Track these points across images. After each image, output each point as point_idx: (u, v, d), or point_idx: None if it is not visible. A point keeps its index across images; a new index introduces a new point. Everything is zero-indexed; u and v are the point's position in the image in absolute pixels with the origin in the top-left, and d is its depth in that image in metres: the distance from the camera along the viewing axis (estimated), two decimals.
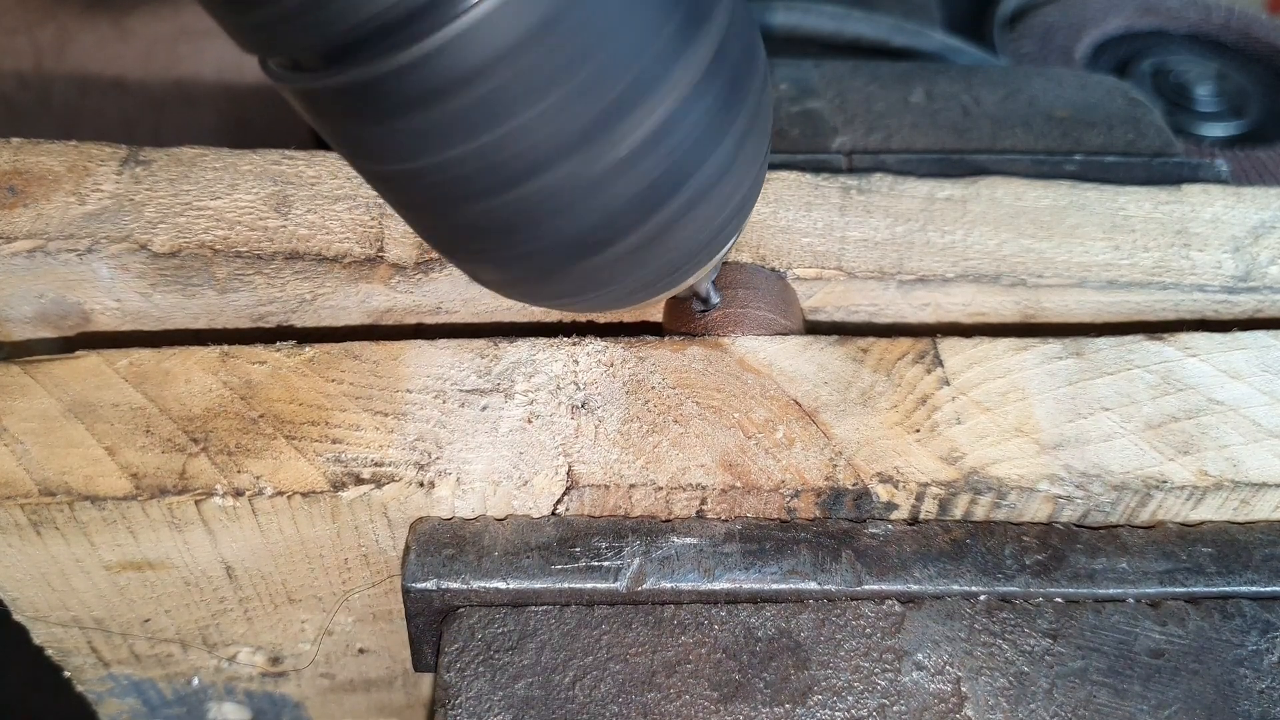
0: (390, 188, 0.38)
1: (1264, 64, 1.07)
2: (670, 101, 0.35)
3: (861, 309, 0.55)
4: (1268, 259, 0.54)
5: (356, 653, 0.54)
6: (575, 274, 0.40)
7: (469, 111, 0.33)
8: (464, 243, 0.40)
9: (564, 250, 0.38)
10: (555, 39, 0.32)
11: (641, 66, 0.34)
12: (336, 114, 0.34)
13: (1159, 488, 0.45)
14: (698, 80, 0.36)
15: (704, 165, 0.38)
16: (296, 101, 0.35)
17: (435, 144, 0.34)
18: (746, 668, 0.42)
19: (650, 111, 0.35)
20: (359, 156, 0.37)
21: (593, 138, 0.35)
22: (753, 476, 0.44)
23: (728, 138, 0.38)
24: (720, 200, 0.40)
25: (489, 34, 0.31)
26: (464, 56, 0.31)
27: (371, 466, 0.44)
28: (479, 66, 0.32)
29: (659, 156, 0.36)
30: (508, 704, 0.41)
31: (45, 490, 0.43)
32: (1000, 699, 0.41)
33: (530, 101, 0.33)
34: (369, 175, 0.38)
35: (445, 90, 0.32)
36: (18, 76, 1.03)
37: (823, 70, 0.72)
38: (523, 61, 0.32)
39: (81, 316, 0.53)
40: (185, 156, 0.55)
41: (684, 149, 0.37)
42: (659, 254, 0.40)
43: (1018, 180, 0.57)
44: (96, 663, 0.53)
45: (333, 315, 0.53)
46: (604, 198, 0.37)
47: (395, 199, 0.39)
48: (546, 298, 0.44)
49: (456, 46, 0.31)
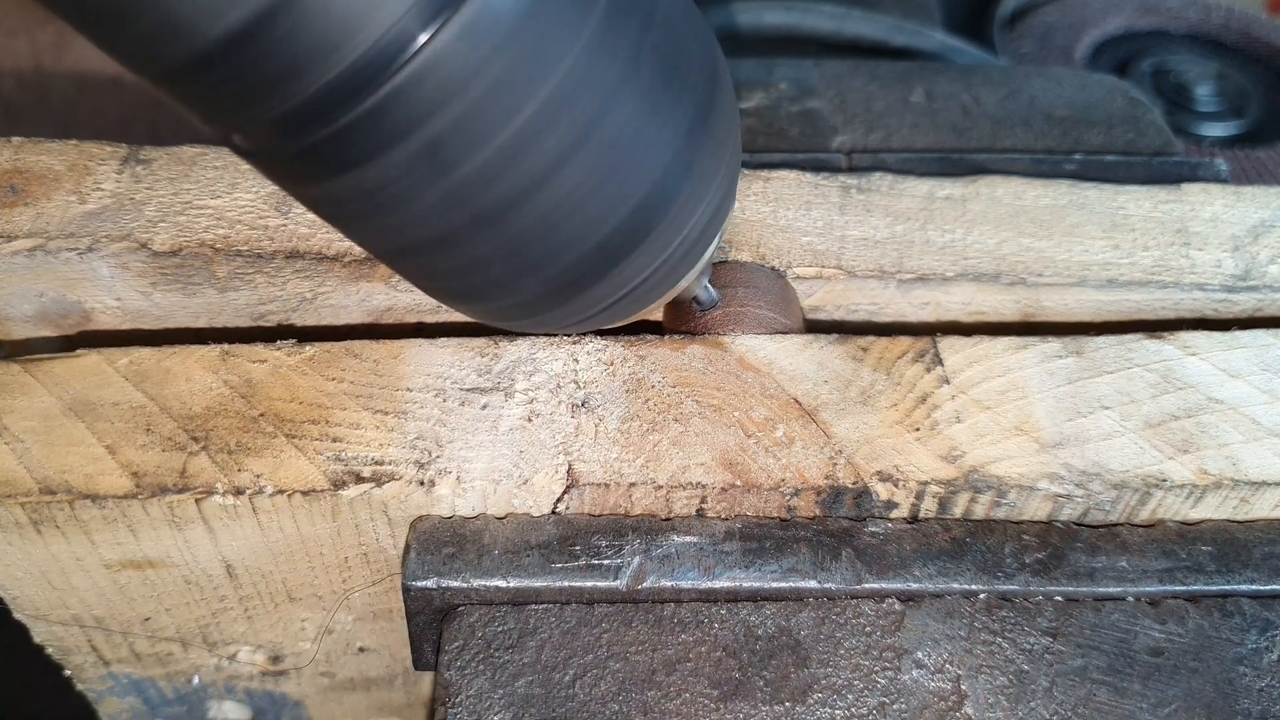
0: (371, 237, 0.40)
1: (1264, 64, 1.07)
2: (589, 107, 0.35)
3: (861, 308, 0.55)
4: (1267, 258, 0.55)
5: (357, 651, 0.54)
6: (561, 297, 0.41)
7: (420, 159, 0.34)
8: (433, 281, 0.41)
9: (542, 277, 0.40)
10: (506, 60, 0.33)
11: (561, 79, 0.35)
12: (295, 179, 0.36)
13: (1159, 486, 0.45)
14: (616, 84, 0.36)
15: (646, 170, 0.38)
16: (267, 173, 0.37)
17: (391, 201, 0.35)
18: (746, 666, 0.42)
19: (572, 121, 0.35)
20: (329, 218, 0.39)
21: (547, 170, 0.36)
22: (753, 475, 0.44)
23: (668, 136, 0.38)
24: (681, 207, 0.40)
25: (438, 73, 0.32)
26: (417, 100, 0.32)
27: (372, 465, 0.44)
28: (434, 104, 0.33)
29: (592, 163, 0.37)
30: (508, 702, 0.41)
31: (46, 489, 0.43)
32: (1000, 697, 0.41)
33: (474, 146, 0.34)
34: (354, 233, 0.40)
35: (392, 140, 0.33)
36: (17, 76, 1.03)
37: (823, 70, 0.72)
38: (476, 92, 0.33)
39: (82, 315, 0.53)
40: (186, 155, 0.55)
41: (621, 150, 0.37)
42: (637, 265, 0.41)
43: (1017, 179, 0.57)
44: (97, 661, 0.53)
45: (333, 314, 0.53)
46: (575, 222, 0.38)
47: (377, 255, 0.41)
48: (535, 325, 0.44)
49: (398, 97, 0.32)
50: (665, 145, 0.38)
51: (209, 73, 0.31)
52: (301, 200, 0.38)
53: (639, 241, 0.40)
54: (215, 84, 0.32)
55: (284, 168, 0.36)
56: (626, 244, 0.40)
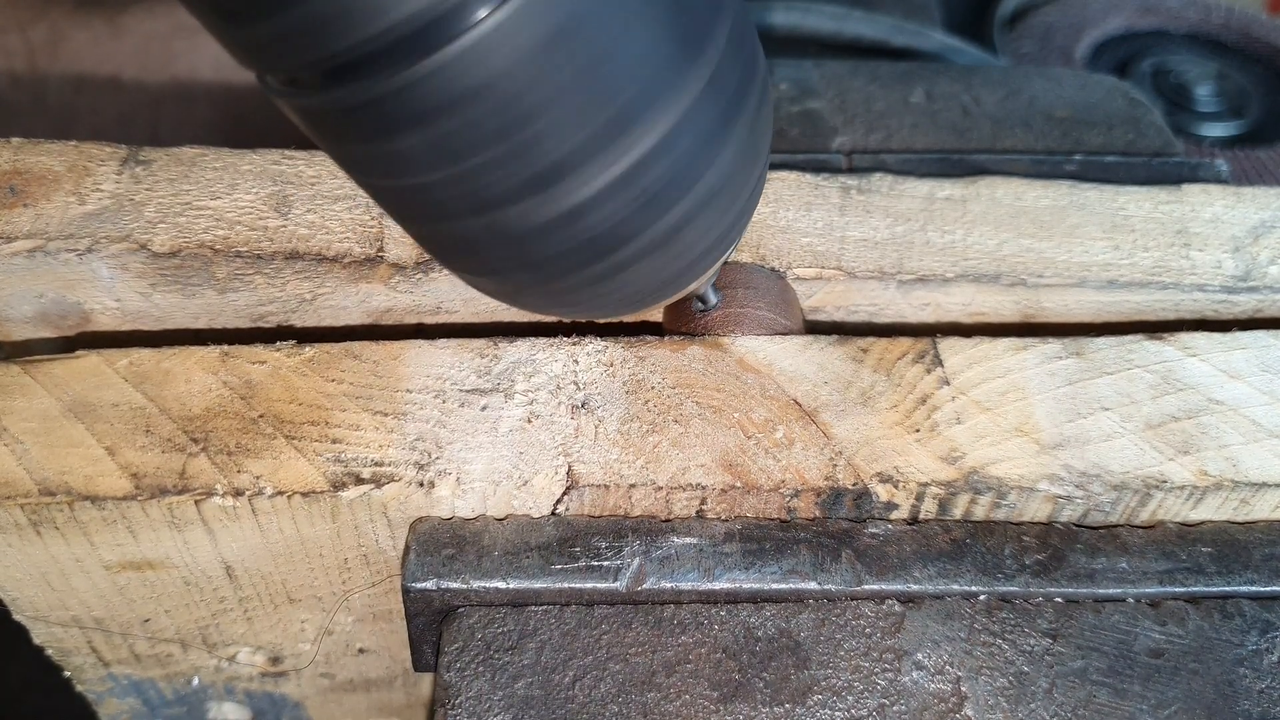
0: (388, 200, 0.38)
1: (1264, 64, 1.07)
2: (670, 116, 0.35)
3: (861, 309, 0.55)
4: (1267, 259, 0.55)
5: (356, 652, 0.54)
6: (580, 282, 0.40)
7: (470, 129, 0.33)
8: (465, 255, 0.40)
9: (569, 260, 0.39)
10: (559, 54, 0.32)
11: (642, 84, 0.34)
12: (333, 130, 0.35)
13: (1159, 487, 0.45)
14: (697, 97, 0.36)
15: (704, 177, 0.38)
16: (294, 116, 0.35)
17: (434, 161, 0.34)
18: (746, 667, 0.42)
19: (652, 125, 0.35)
20: (356, 171, 0.37)
21: (595, 152, 0.35)
22: (752, 476, 0.44)
23: (727, 148, 0.38)
24: (720, 209, 0.40)
25: (490, 53, 0.31)
26: (465, 76, 0.31)
27: (371, 466, 0.44)
28: (478, 86, 0.32)
29: (660, 169, 0.36)
30: (508, 704, 0.41)
31: (45, 490, 0.43)
32: (1000, 699, 0.41)
33: (527, 120, 0.33)
34: (367, 188, 0.39)
35: (445, 109, 0.32)
36: (11, 75, 1.02)
37: (823, 70, 0.72)
38: (520, 81, 0.32)
39: (81, 316, 0.53)
40: (185, 156, 0.55)
41: (684, 162, 0.37)
42: (663, 262, 0.40)
43: (1018, 180, 0.57)
44: (96, 662, 0.53)
45: (333, 315, 0.53)
46: (608, 208, 0.37)
47: (394, 211, 0.39)
48: (549, 307, 0.44)
49: (457, 66, 0.31)
50: (727, 147, 0.38)
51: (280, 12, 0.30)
52: (336, 156, 0.37)
53: (681, 228, 0.39)
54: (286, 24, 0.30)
55: (337, 121, 0.34)
56: (675, 229, 0.39)
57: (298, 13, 0.30)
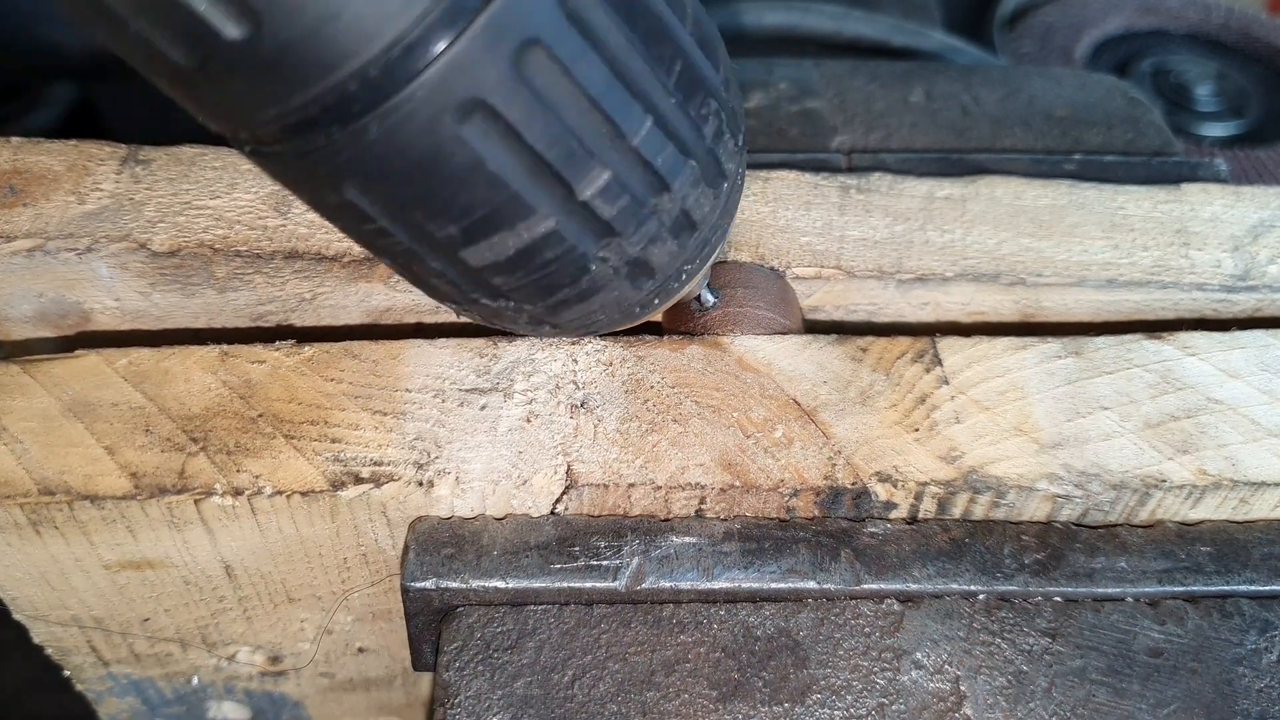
0: (369, 246, 0.40)
1: (1264, 64, 1.07)
2: (616, 164, 0.36)
3: (860, 308, 0.55)
4: (1267, 258, 0.55)
5: (356, 652, 0.54)
6: (553, 307, 0.41)
7: (408, 187, 0.34)
8: (437, 292, 0.42)
9: (534, 289, 0.40)
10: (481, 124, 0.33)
11: (587, 135, 0.35)
12: (299, 181, 0.36)
13: (1158, 487, 0.45)
14: (644, 137, 0.37)
15: (676, 181, 0.39)
16: (264, 171, 0.37)
17: (382, 212, 0.36)
18: (745, 667, 0.42)
19: (599, 173, 0.36)
20: (333, 220, 0.39)
21: (541, 198, 0.36)
22: (751, 476, 0.44)
23: (698, 150, 0.39)
24: (684, 234, 0.40)
25: (447, 90, 0.32)
26: (421, 119, 0.32)
27: (370, 466, 0.44)
28: (406, 151, 0.33)
29: (612, 205, 0.37)
30: (507, 703, 0.41)
31: (45, 489, 0.43)
32: (999, 698, 0.41)
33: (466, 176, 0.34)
34: (352, 235, 0.40)
35: (402, 155, 0.33)
36: None
37: (823, 70, 0.72)
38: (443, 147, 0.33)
39: (81, 316, 0.53)
40: (185, 156, 0.55)
41: (640, 193, 0.38)
42: (630, 290, 0.41)
43: (1017, 179, 0.57)
44: (96, 662, 0.53)
45: (332, 314, 0.53)
46: (565, 243, 0.38)
47: (371, 251, 0.41)
48: (536, 330, 0.44)
49: (408, 113, 0.32)
50: (698, 149, 0.39)
51: (229, 72, 0.31)
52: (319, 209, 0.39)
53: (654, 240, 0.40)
54: (234, 81, 0.32)
55: (298, 171, 0.36)
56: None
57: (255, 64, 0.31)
